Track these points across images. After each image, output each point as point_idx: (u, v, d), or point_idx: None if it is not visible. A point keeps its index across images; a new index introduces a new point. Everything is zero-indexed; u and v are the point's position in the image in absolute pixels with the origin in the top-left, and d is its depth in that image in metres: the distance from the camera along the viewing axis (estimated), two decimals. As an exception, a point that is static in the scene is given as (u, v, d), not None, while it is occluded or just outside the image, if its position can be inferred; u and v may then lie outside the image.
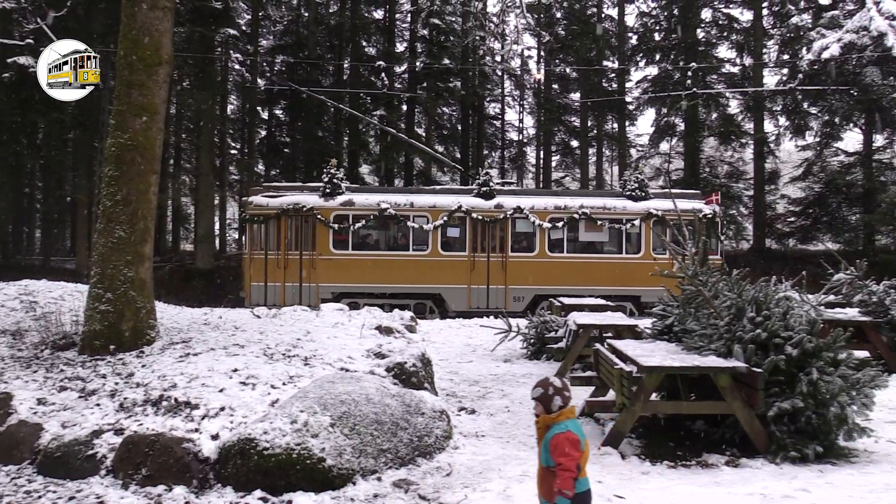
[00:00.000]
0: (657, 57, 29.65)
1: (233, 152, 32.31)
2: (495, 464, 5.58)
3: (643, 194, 18.32)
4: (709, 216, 17.82)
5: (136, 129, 7.78)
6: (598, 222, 17.78)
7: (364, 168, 30.54)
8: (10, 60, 20.50)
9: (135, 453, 5.17)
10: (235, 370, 6.55)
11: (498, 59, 29.15)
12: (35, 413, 6.01)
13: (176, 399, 5.87)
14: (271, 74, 31.09)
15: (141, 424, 5.53)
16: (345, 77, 27.68)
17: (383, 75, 26.52)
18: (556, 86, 30.47)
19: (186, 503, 4.89)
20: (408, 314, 14.54)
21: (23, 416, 5.94)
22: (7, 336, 8.47)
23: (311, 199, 17.65)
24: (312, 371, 6.72)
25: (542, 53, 29.87)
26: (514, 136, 32.11)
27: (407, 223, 17.75)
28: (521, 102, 31.55)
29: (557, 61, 29.78)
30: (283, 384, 6.25)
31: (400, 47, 29.85)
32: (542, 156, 31.19)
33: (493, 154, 31.40)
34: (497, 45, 28.45)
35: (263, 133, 32.26)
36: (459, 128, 29.54)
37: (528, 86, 31.09)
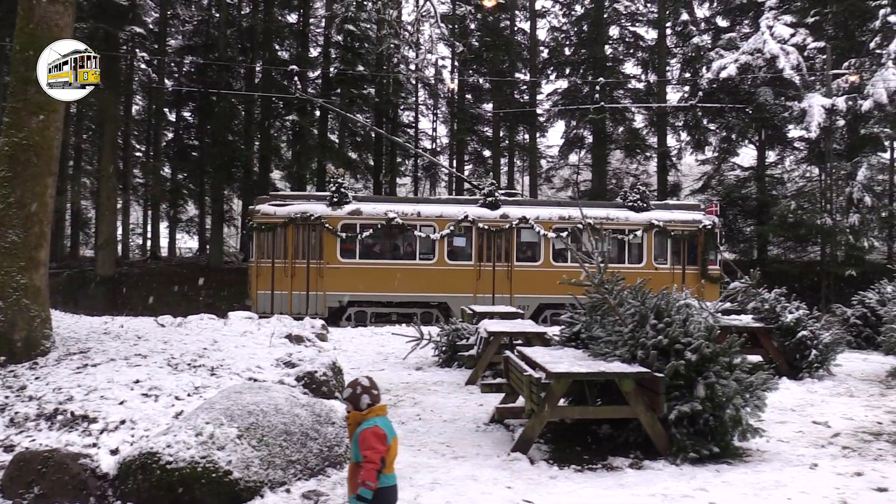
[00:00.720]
0: (567, 71, 30.48)
1: (137, 155, 31.13)
2: (406, 472, 5.57)
3: (645, 205, 18.92)
4: (708, 227, 18.51)
5: (33, 127, 7.42)
6: (602, 232, 18.23)
7: (276, 174, 30.01)
8: None
9: (27, 471, 4.89)
10: (137, 381, 6.31)
11: (412, 67, 29.27)
12: (-86, 430, 5.61)
13: (72, 413, 5.60)
14: (179, 75, 30.16)
15: (33, 440, 5.25)
16: (256, 81, 27.15)
17: (296, 80, 26.19)
18: (469, 96, 30.84)
19: (82, 522, 4.67)
20: (318, 322, 14.40)
21: None
22: None
23: (318, 208, 17.76)
24: (219, 381, 6.55)
25: (456, 63, 30.18)
26: (427, 144, 32.27)
27: (414, 232, 17.95)
28: (435, 111, 31.75)
29: (471, 72, 30.16)
30: (188, 395, 6.07)
31: (314, 52, 29.54)
32: (454, 165, 31.48)
33: (407, 162, 31.45)
34: (412, 54, 28.62)
35: (170, 136, 31.23)
36: (373, 135, 29.49)
37: (442, 95, 31.35)
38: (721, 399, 5.85)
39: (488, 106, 30.54)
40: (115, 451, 5.12)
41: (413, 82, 30.23)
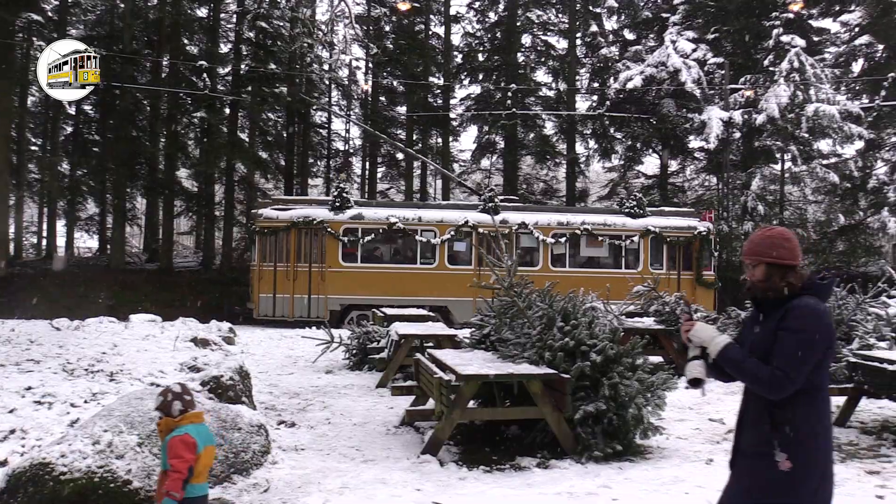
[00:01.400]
0: (480, 76, 30.83)
1: (33, 149, 29.49)
2: (315, 477, 5.51)
3: (641, 212, 19.06)
4: (703, 233, 18.80)
5: None
6: (599, 238, 18.53)
7: (182, 172, 29.05)
8: None
9: None
10: (29, 388, 5.99)
11: (326, 67, 28.96)
12: None
13: (-45, 422, 5.27)
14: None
15: (-90, 452, 4.91)
16: (163, 75, 26.23)
17: (205, 76, 25.43)
18: (383, 98, 30.78)
19: (-34, 538, 4.40)
20: (225, 325, 14.02)
21: None
22: None
23: (320, 213, 17.92)
24: (119, 387, 6.29)
25: (371, 65, 30.07)
26: (340, 145, 31.99)
27: (415, 237, 18.06)
28: (349, 112, 31.52)
29: (385, 74, 30.10)
30: (85, 402, 5.81)
31: (224, 48, 28.76)
32: (367, 167, 31.33)
33: (319, 163, 31.08)
34: (325, 54, 28.31)
35: (70, 130, 29.75)
36: (285, 134, 28.98)
37: (356, 96, 31.15)
38: (624, 399, 6.06)
39: (402, 109, 30.57)
40: (3, 463, 4.85)
41: (327, 82, 29.90)
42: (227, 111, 26.32)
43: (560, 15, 30.93)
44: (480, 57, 31.12)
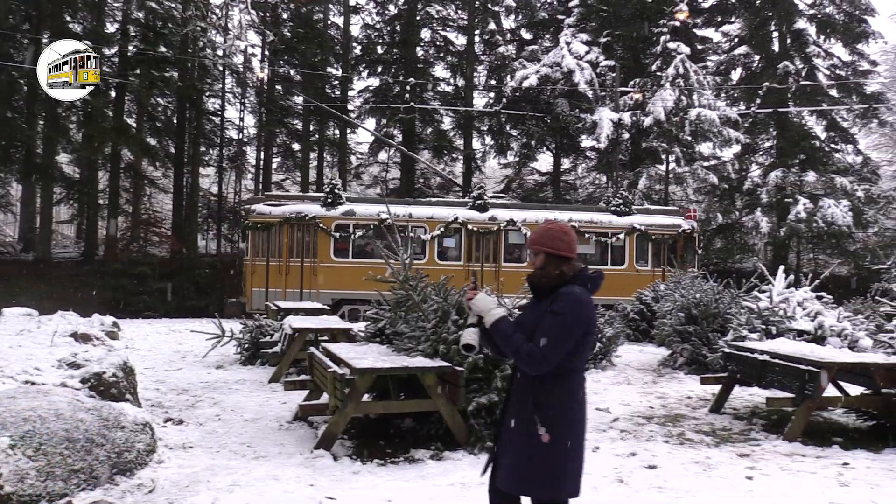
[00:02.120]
0: (379, 69, 30.70)
1: None
2: (203, 476, 5.36)
3: (627, 210, 19.59)
4: (687, 231, 19.29)
5: None
6: (586, 235, 18.78)
7: (63, 157, 27.39)
8: None
9: None
10: None
11: (220, 52, 28.03)
12: None
13: None
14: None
15: None
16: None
17: (88, 57, 24.09)
18: (279, 87, 30.10)
19: None
20: (109, 319, 13.40)
21: None
22: None
23: (313, 209, 18.22)
24: (-11, 385, 5.90)
25: (267, 53, 29.32)
26: (234, 134, 31.05)
27: (405, 233, 18.13)
28: (243, 100, 30.63)
29: (282, 63, 29.43)
30: (-50, 402, 5.41)
31: (111, 28, 27.31)
32: (262, 157, 30.59)
33: (212, 151, 30.05)
34: (219, 39, 27.39)
35: (-67, 108, 27.48)
36: (175, 121, 27.84)
37: (251, 84, 30.32)
38: (515, 390, 6.21)
39: (298, 99, 30.01)
40: None
41: (220, 69, 28.94)
42: (112, 94, 25.05)
43: (459, 11, 31.19)
44: (380, 49, 30.98)
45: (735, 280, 12.81)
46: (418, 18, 30.11)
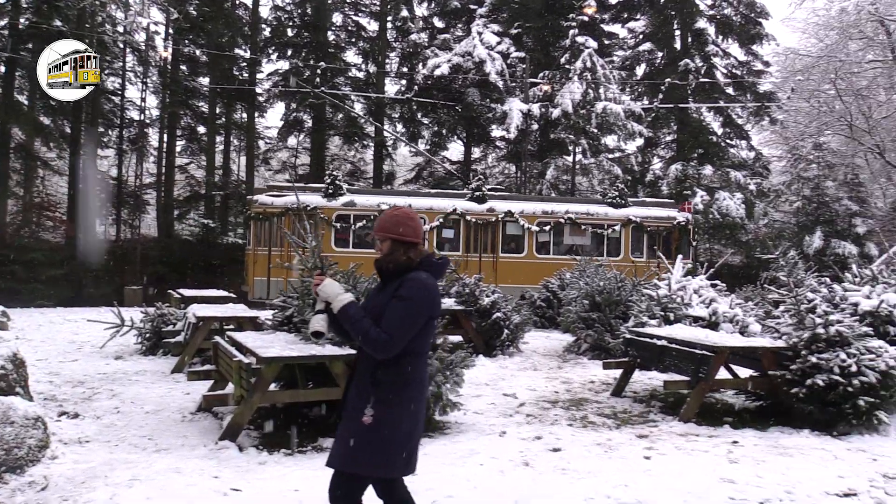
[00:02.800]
0: (289, 52, 30.05)
1: None
2: (101, 471, 5.16)
3: (623, 202, 19.85)
4: (682, 223, 19.59)
5: None
6: (582, 227, 19.37)
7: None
8: None
9: None
10: None
11: (120, 29, 26.74)
12: None
13: None
14: None
15: None
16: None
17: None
18: (184, 67, 28.99)
19: None
20: (-2, 308, 12.69)
21: None
22: None
23: (314, 199, 18.53)
24: None
25: (171, 31, 28.18)
26: (135, 115, 29.72)
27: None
28: (145, 80, 29.35)
29: (187, 42, 28.36)
30: None
31: (-2, -1, 25.64)
32: (165, 139, 29.45)
33: (111, 133, 28.67)
34: (120, 15, 26.15)
35: None
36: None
37: (154, 63, 29.08)
38: (424, 378, 6.25)
39: (204, 80, 29.02)
40: None
41: (121, 46, 27.62)
42: (2, 69, 23.55)
43: (372, -4, 30.90)
44: (290, 32, 30.30)
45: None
46: (330, 2, 29.62)
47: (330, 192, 18.83)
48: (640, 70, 31.25)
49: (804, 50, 28.75)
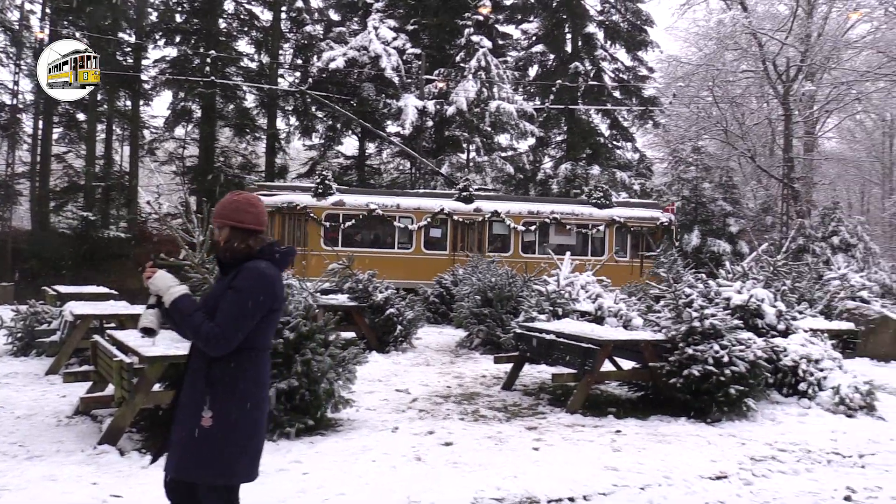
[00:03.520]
0: (178, 39, 28.87)
1: None
2: (-36, 480, 4.82)
3: (607, 203, 20.11)
4: (665, 223, 19.84)
5: None
6: (567, 227, 19.67)
7: None
8: None
9: None
10: None
11: (-11, 7, 24.92)
12: None
13: None
14: None
15: None
16: None
17: None
18: (61, 50, 27.39)
19: None
20: None
21: None
22: None
23: (304, 199, 18.67)
24: None
25: (48, 11, 26.50)
26: (6, 99, 27.76)
27: (393, 223, 18.99)
28: (18, 62, 27.48)
29: (66, 23, 26.74)
30: None
31: None
32: (40, 126, 27.68)
33: (-21, 118, 26.70)
34: (-12, -8, 24.37)
35: None
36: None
37: (28, 45, 27.25)
38: (316, 374, 6.20)
39: (84, 64, 27.47)
40: None
41: (-11, 25, 25.75)
42: None
43: (265, -15, 30.11)
44: (178, 18, 29.11)
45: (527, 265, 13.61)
46: (221, -12, 28.68)
47: (319, 191, 18.96)
48: (533, 71, 32.03)
49: (685, 58, 30.36)
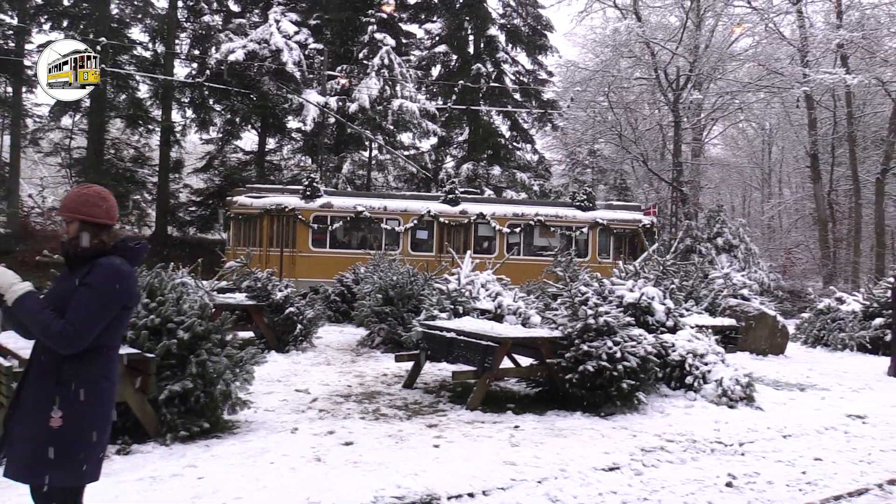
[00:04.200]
0: (65, 23, 27.37)
1: None
2: None
3: (591, 205, 20.48)
4: (647, 226, 20.30)
5: None
6: (551, 228, 20.10)
7: None
8: None
9: None
10: None
11: None
12: None
13: None
14: None
15: None
16: None
17: None
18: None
19: None
20: None
21: None
22: None
23: (292, 201, 19.06)
24: None
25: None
26: None
27: (380, 225, 19.38)
28: None
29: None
30: None
31: None
32: None
33: None
34: None
35: None
36: None
37: None
38: (212, 376, 6.02)
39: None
40: None
41: None
42: None
43: (160, -29, 28.96)
44: (66, 1, 27.60)
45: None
46: (112, -28, 27.37)
47: (308, 193, 19.25)
48: (436, 71, 32.24)
49: (583, 63, 31.31)
